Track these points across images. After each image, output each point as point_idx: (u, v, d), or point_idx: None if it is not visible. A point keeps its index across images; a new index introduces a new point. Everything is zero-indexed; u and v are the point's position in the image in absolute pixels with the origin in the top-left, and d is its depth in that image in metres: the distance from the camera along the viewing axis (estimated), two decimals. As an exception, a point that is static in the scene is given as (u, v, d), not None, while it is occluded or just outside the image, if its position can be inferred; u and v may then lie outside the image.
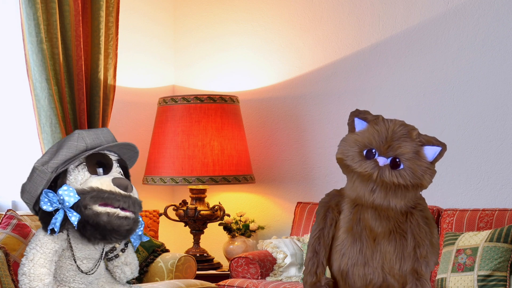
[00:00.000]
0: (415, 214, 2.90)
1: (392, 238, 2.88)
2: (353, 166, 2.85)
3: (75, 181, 3.15)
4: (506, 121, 4.28)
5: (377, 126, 2.90)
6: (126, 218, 3.10)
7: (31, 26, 4.22)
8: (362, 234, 2.89)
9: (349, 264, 2.90)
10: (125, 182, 3.16)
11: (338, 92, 4.89)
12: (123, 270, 3.38)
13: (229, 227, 4.95)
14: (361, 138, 2.89)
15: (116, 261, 3.37)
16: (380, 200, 2.82)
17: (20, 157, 4.46)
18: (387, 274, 2.88)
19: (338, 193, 3.03)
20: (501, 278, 3.63)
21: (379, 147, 2.83)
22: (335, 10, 4.91)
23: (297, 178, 5.06)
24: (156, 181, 4.79)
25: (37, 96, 4.29)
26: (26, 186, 3.20)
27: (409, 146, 2.84)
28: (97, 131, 3.31)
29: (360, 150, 2.86)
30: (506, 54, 4.28)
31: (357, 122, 2.98)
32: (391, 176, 2.78)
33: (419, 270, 2.84)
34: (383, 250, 2.88)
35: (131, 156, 3.45)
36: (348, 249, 2.91)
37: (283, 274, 4.34)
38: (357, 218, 2.91)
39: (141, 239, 3.38)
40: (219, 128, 4.76)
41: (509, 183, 4.26)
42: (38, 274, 3.08)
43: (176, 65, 5.57)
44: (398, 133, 2.87)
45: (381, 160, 2.81)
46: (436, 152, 2.88)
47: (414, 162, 2.82)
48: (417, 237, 2.87)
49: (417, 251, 2.86)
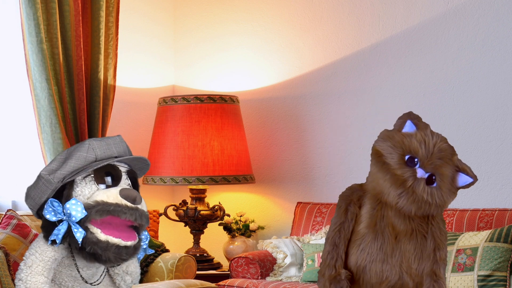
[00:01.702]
0: (436, 217, 2.94)
1: (413, 237, 2.91)
2: (392, 166, 2.86)
3: (82, 194, 3.08)
4: (506, 121, 4.27)
5: (426, 137, 2.93)
6: (126, 248, 3.05)
7: (31, 26, 4.22)
8: (385, 231, 2.91)
9: (368, 259, 2.91)
10: (134, 194, 3.08)
11: (338, 92, 4.89)
12: (123, 278, 3.35)
13: (229, 227, 4.95)
14: (408, 143, 2.90)
15: (117, 269, 3.34)
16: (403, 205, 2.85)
17: (20, 157, 4.46)
18: (404, 272, 2.89)
19: (360, 187, 3.03)
20: (501, 278, 3.63)
21: (423, 159, 2.86)
22: (335, 10, 4.91)
23: (297, 178, 5.06)
24: (156, 181, 4.79)
25: (37, 96, 4.29)
26: (31, 192, 3.14)
27: (449, 170, 2.89)
28: (108, 141, 3.21)
29: (403, 154, 2.88)
30: (506, 54, 4.28)
31: (408, 124, 2.99)
32: (423, 191, 2.81)
33: (438, 272, 2.88)
34: (403, 249, 2.90)
35: (142, 167, 3.38)
36: (368, 245, 2.92)
37: (283, 274, 4.34)
38: (381, 215, 2.93)
39: (146, 252, 3.34)
40: (219, 128, 4.76)
41: (509, 183, 4.26)
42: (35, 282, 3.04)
43: (176, 65, 5.57)
44: (444, 152, 2.91)
45: (420, 172, 2.84)
46: (467, 182, 2.93)
47: (447, 186, 2.87)
48: (438, 240, 2.91)
49: (436, 253, 2.90)
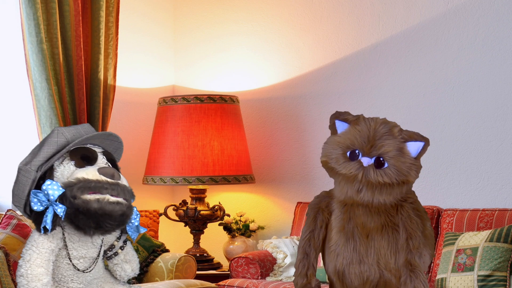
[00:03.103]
0: (406, 206, 2.90)
1: (384, 232, 2.89)
2: (337, 168, 2.85)
3: (62, 176, 3.15)
4: (506, 121, 4.28)
5: (359, 126, 2.90)
6: (118, 203, 3.08)
7: (31, 26, 4.22)
8: (355, 231, 2.90)
9: (344, 263, 2.90)
10: (111, 171, 3.14)
11: (338, 92, 4.89)
12: (123, 268, 3.37)
13: (229, 227, 4.95)
14: (343, 140, 2.88)
15: (115, 259, 3.36)
16: (368, 198, 2.83)
17: (20, 157, 4.45)
18: (384, 270, 2.88)
19: (327, 194, 3.04)
20: (501, 278, 3.63)
21: (362, 148, 2.83)
22: (335, 10, 4.91)
23: (297, 178, 5.06)
24: (156, 181, 4.79)
25: (37, 96, 4.29)
26: (14, 189, 3.20)
27: (392, 144, 2.84)
28: (77, 127, 3.30)
29: (343, 152, 2.86)
30: (506, 54, 4.28)
31: (338, 124, 2.97)
32: (376, 176, 2.78)
33: (413, 261, 2.85)
34: (377, 246, 2.88)
35: (116, 147, 3.42)
36: (342, 249, 2.91)
37: (283, 274, 4.34)
38: (348, 217, 2.91)
39: (139, 230, 3.34)
40: (219, 128, 4.76)
41: (509, 183, 4.26)
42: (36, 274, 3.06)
43: (176, 65, 5.57)
44: (380, 131, 2.87)
45: (365, 161, 2.81)
46: (420, 147, 2.88)
47: (398, 160, 2.82)
48: (409, 229, 2.87)
49: (409, 242, 2.86)
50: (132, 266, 3.39)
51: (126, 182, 3.22)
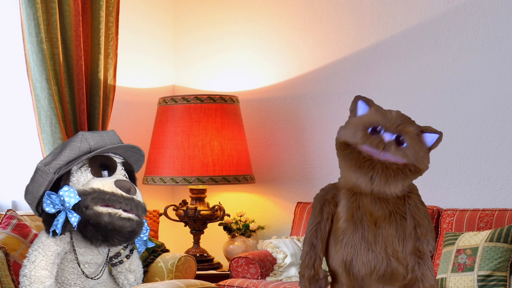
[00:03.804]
0: (412, 196, 2.95)
1: (392, 220, 2.91)
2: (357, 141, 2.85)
3: (78, 183, 3.12)
4: (506, 121, 4.28)
5: (383, 109, 2.97)
6: (129, 220, 3.06)
7: (31, 26, 4.22)
8: (363, 219, 2.91)
9: (352, 252, 2.91)
10: (128, 184, 3.12)
11: (338, 92, 4.89)
12: (126, 277, 3.35)
13: (229, 227, 4.95)
14: (367, 118, 2.91)
15: (120, 267, 3.34)
16: (378, 188, 2.84)
17: (20, 157, 4.46)
18: (391, 257, 2.89)
19: (333, 186, 3.04)
20: (501, 278, 3.63)
21: (386, 125, 2.87)
22: (335, 10, 4.91)
23: (297, 178, 5.06)
24: (156, 181, 4.79)
25: (37, 96, 4.29)
26: (29, 187, 3.18)
27: (413, 128, 2.91)
28: (102, 134, 3.27)
29: (365, 129, 2.88)
30: (506, 54, 4.28)
31: (360, 105, 3.00)
32: (396, 152, 2.80)
33: (421, 248, 2.88)
34: (385, 234, 2.90)
35: (137, 159, 3.40)
36: (350, 237, 2.92)
37: (283, 274, 4.34)
38: (356, 205, 2.93)
39: (147, 245, 3.34)
40: (219, 128, 4.76)
41: (509, 183, 4.26)
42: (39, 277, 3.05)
43: (176, 65, 5.57)
44: (403, 116, 2.94)
45: (387, 136, 2.84)
46: (434, 139, 2.93)
47: (417, 143, 2.87)
48: (417, 217, 2.91)
49: (417, 230, 2.90)
50: (135, 276, 3.38)
51: (141, 197, 3.20)
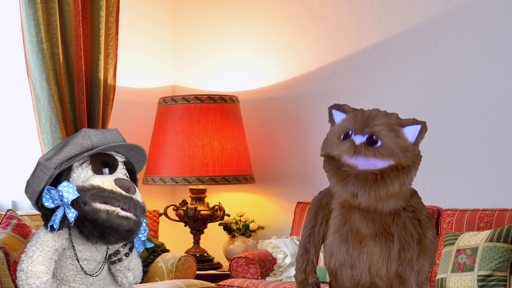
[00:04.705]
0: (402, 215, 2.80)
1: (378, 240, 2.81)
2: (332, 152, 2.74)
3: (78, 179, 3.13)
4: (506, 121, 4.28)
5: (356, 113, 2.81)
6: (127, 218, 3.06)
7: (31, 26, 4.22)
8: (349, 235, 2.85)
9: (337, 264, 2.88)
10: (128, 183, 3.12)
11: (338, 92, 4.89)
12: (125, 275, 3.35)
13: (229, 227, 4.95)
14: (339, 126, 2.81)
15: (119, 265, 3.34)
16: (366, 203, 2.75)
17: (20, 157, 4.46)
18: (374, 276, 2.83)
19: (329, 191, 3.00)
20: (501, 278, 3.63)
21: (355, 128, 2.73)
22: (335, 10, 4.91)
23: (297, 178, 5.06)
24: (156, 181, 4.79)
25: (37, 96, 4.29)
26: (30, 181, 3.19)
27: (386, 124, 2.73)
28: (105, 131, 3.27)
29: (338, 136, 2.79)
30: (506, 54, 4.28)
31: (335, 114, 2.89)
32: (367, 152, 2.66)
33: (402, 274, 2.75)
34: (370, 252, 2.83)
35: (139, 159, 3.40)
36: (336, 250, 2.89)
37: (283, 274, 4.34)
38: (344, 220, 2.86)
39: (145, 245, 3.33)
40: (219, 128, 4.76)
41: (509, 183, 4.26)
42: (36, 272, 3.06)
43: (176, 65, 5.57)
44: (375, 113, 2.78)
45: (357, 138, 2.70)
46: (417, 130, 2.75)
47: (391, 139, 2.70)
48: (402, 240, 2.78)
49: (401, 254, 2.77)
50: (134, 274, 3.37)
51: (140, 197, 3.19)
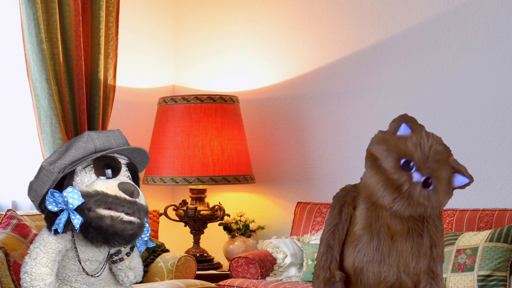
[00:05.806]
0: (432, 215, 2.91)
1: (409, 236, 2.89)
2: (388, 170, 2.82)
3: (81, 183, 3.13)
4: (506, 121, 4.28)
5: (422, 140, 2.89)
6: (130, 223, 3.07)
7: (31, 26, 4.22)
8: (381, 231, 2.89)
9: (365, 260, 2.90)
10: (131, 188, 3.12)
11: (338, 92, 4.89)
12: (126, 274, 3.36)
13: (229, 227, 4.95)
14: (403, 147, 2.87)
15: (120, 265, 3.35)
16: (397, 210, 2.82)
17: (20, 157, 4.46)
18: (402, 272, 2.88)
19: (353, 188, 3.00)
20: (501, 278, 3.63)
21: (419, 163, 2.82)
22: (335, 10, 4.91)
23: (297, 178, 5.06)
24: (156, 181, 4.79)
25: (37, 96, 4.29)
26: (33, 185, 3.19)
27: (446, 173, 2.85)
28: (107, 133, 3.27)
29: (399, 158, 2.85)
30: (506, 54, 4.28)
31: (403, 128, 2.96)
32: (419, 195, 2.78)
33: (435, 269, 2.85)
34: (400, 248, 2.88)
35: (142, 160, 3.41)
36: (364, 246, 2.91)
37: (283, 274, 4.34)
38: (375, 216, 2.90)
39: (147, 244, 3.35)
40: (219, 128, 4.76)
41: (509, 183, 4.26)
42: (40, 274, 3.07)
43: (176, 65, 5.57)
44: (439, 155, 2.87)
45: (417, 176, 2.80)
46: (463, 182, 2.89)
47: (443, 188, 2.83)
48: (434, 237, 2.88)
49: (433, 250, 2.87)
50: (135, 273, 3.38)
51: (143, 200, 3.21)
